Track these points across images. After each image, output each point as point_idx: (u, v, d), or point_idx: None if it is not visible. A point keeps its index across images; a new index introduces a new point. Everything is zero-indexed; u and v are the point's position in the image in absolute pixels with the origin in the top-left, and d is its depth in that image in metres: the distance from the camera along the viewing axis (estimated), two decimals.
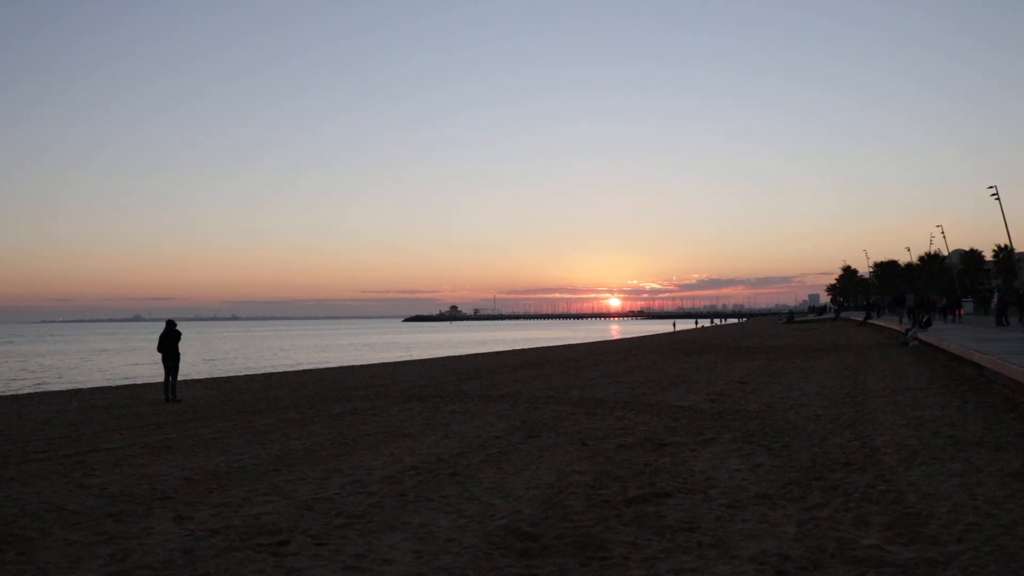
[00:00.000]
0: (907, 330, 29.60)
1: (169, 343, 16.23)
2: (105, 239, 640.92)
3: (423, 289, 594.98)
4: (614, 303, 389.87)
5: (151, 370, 41.54)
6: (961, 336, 23.36)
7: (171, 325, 16.53)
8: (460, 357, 36.95)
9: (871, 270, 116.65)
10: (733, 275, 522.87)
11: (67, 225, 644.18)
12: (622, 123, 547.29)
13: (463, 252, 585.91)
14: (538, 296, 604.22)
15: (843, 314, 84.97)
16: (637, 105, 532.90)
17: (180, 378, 17.26)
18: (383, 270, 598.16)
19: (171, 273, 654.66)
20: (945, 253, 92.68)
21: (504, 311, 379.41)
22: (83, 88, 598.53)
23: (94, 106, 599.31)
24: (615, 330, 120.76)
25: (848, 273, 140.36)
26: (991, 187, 51.91)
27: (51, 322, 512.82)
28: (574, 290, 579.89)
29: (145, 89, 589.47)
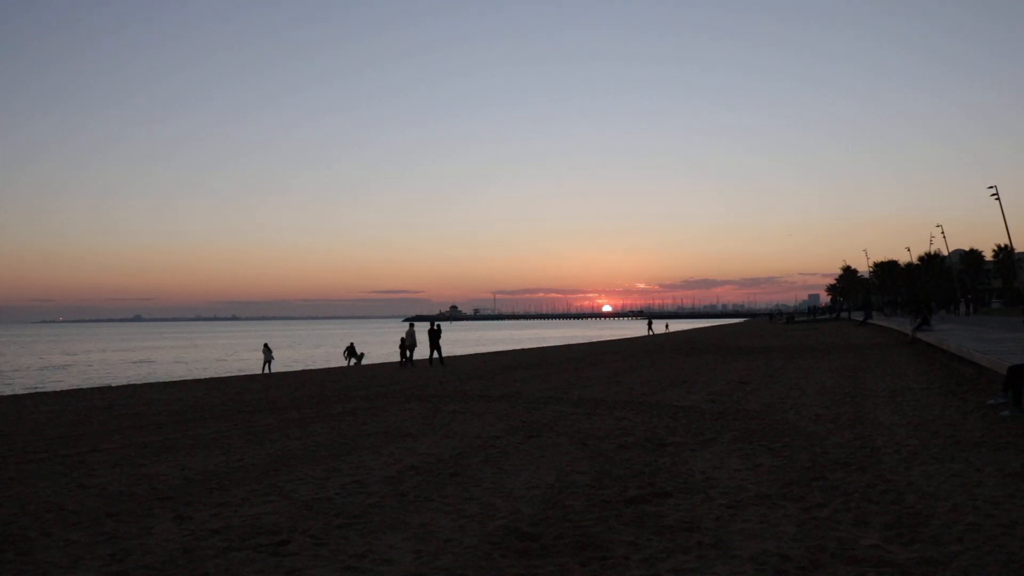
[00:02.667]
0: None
1: None
2: (103, 239, 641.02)
3: (407, 289, 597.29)
4: (601, 302, 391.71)
5: (151, 369, 41.65)
6: (961, 336, 23.37)
7: None
8: (460, 357, 36.95)
9: (871, 270, 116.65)
10: (722, 275, 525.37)
11: (65, 225, 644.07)
12: (612, 124, 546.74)
13: (446, 252, 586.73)
14: (525, 296, 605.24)
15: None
16: (628, 106, 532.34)
17: (180, 378, 17.23)
18: (371, 270, 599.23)
19: (171, 273, 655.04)
20: (945, 253, 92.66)
21: (504, 311, 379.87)
22: (83, 89, 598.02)
23: (93, 106, 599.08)
24: (613, 331, 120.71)
25: (848, 273, 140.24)
26: (991, 187, 51.99)
27: (51, 322, 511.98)
28: (561, 290, 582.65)
29: (147, 90, 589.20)
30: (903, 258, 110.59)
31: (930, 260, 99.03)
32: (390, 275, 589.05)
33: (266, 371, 32.93)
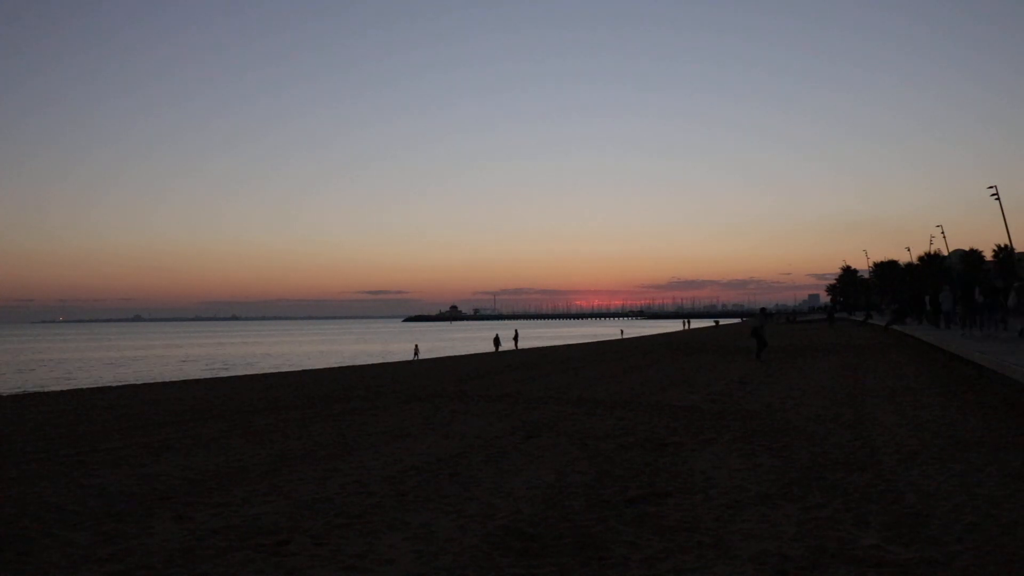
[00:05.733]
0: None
1: None
2: (102, 239, 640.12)
3: (404, 289, 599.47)
4: (597, 303, 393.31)
5: (152, 370, 41.62)
6: (961, 336, 23.36)
7: None
8: (460, 357, 36.96)
9: (870, 269, 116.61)
10: (709, 276, 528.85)
11: (65, 224, 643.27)
12: (599, 120, 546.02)
13: (441, 252, 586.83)
14: (510, 296, 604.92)
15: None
16: (618, 102, 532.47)
17: (180, 378, 17.22)
18: (369, 270, 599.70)
19: (170, 273, 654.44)
20: (945, 253, 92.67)
21: (504, 311, 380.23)
22: (78, 87, 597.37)
23: (90, 106, 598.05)
24: (610, 330, 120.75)
25: (847, 273, 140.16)
26: (991, 187, 51.96)
27: (50, 322, 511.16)
28: (546, 291, 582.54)
29: (143, 86, 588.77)
30: (903, 258, 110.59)
31: (930, 260, 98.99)
32: (388, 275, 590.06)
33: None
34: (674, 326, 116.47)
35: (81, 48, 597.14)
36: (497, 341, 48.25)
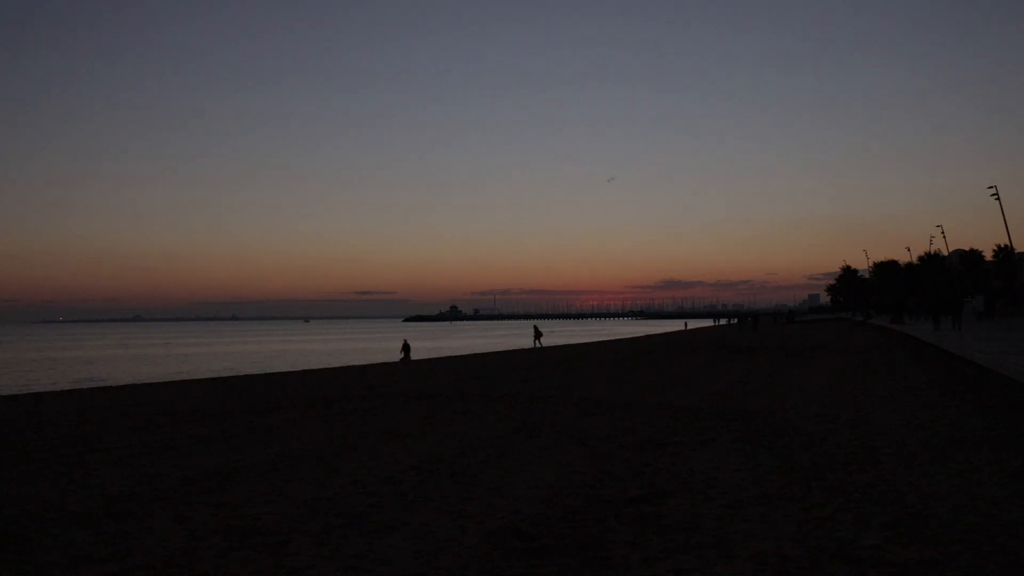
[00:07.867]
0: None
1: None
2: (97, 238, 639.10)
3: (399, 290, 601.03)
4: (586, 302, 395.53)
5: (151, 370, 41.59)
6: (960, 336, 23.38)
7: None
8: (460, 357, 36.97)
9: (870, 269, 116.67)
10: (700, 277, 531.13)
11: (57, 223, 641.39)
12: (596, 122, 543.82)
13: (423, 253, 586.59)
14: (502, 297, 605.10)
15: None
16: (612, 105, 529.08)
17: (182, 378, 17.22)
18: (368, 270, 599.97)
19: (170, 274, 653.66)
20: (945, 253, 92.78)
21: (504, 311, 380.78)
22: (81, 90, 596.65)
23: (86, 104, 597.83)
24: (608, 331, 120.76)
25: (847, 273, 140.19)
26: (991, 187, 52.09)
27: (51, 322, 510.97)
28: (536, 291, 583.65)
29: (146, 87, 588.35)
30: (903, 258, 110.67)
31: (930, 260, 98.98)
32: (383, 276, 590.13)
33: None
34: (683, 325, 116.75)
35: (75, 44, 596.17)
36: (537, 333, 47.88)
